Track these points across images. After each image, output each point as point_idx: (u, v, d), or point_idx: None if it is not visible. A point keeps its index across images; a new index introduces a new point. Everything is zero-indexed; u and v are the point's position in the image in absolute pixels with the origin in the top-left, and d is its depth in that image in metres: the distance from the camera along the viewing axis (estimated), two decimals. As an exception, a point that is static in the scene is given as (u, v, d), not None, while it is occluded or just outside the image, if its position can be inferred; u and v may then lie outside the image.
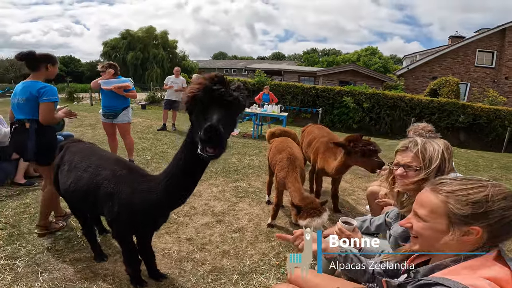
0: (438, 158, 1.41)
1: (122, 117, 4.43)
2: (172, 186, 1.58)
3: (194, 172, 1.55)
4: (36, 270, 2.09)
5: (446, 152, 2.39)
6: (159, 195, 1.62)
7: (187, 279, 2.20)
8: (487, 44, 18.67)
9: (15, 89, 2.45)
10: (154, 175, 1.77)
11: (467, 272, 0.83)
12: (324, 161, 3.32)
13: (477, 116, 12.62)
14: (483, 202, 0.86)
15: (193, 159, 1.41)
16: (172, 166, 1.58)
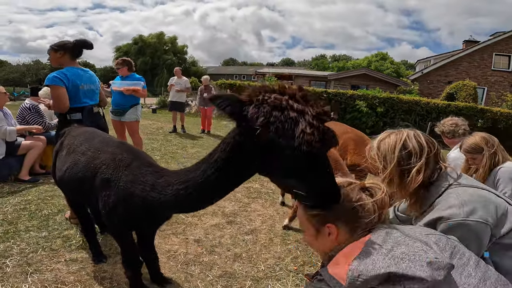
0: (393, 154, 1.25)
1: (130, 115, 4.32)
2: (186, 197, 1.21)
3: (221, 192, 1.21)
4: (26, 270, 1.89)
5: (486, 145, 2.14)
6: (166, 197, 1.28)
7: (194, 284, 1.96)
8: (503, 48, 18.16)
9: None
10: (166, 169, 1.44)
11: (343, 260, 0.87)
12: (360, 156, 3.08)
13: (496, 121, 12.12)
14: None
15: (229, 179, 1.13)
16: (193, 175, 1.19)
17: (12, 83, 33.94)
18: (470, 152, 2.27)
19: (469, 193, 1.18)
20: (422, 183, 1.20)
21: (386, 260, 0.79)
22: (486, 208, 1.14)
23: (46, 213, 2.75)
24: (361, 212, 0.91)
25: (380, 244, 0.84)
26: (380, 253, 0.82)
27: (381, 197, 0.94)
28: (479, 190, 1.21)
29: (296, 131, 0.85)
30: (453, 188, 1.20)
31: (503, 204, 1.19)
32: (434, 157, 1.24)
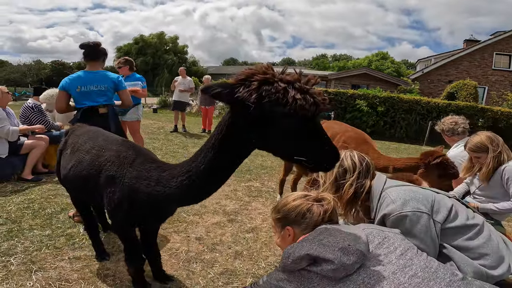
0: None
1: (131, 115, 4.34)
2: (190, 186, 1.27)
3: (222, 176, 1.27)
4: (30, 268, 1.92)
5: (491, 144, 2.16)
6: (171, 190, 1.33)
7: (195, 281, 1.98)
8: (504, 47, 18.17)
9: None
10: (168, 164, 1.47)
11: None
12: None
13: (497, 120, 12.11)
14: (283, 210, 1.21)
15: (226, 162, 1.20)
16: (195, 164, 1.25)
17: (13, 83, 34.00)
18: (475, 151, 2.29)
19: (398, 191, 1.42)
20: (355, 194, 1.47)
21: (311, 245, 0.99)
22: (415, 199, 1.36)
23: (49, 212, 2.78)
24: (309, 218, 1.15)
25: (316, 235, 1.05)
26: (312, 241, 1.01)
27: (326, 207, 1.17)
28: (405, 187, 1.45)
29: (289, 99, 0.93)
30: (386, 190, 1.44)
31: (429, 193, 1.43)
32: (366, 171, 1.51)
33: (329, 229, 1.07)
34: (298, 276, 1.00)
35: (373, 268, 0.98)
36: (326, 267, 0.95)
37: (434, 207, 1.37)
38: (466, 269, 1.30)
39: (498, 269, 1.31)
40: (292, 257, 0.98)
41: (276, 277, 1.06)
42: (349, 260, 0.95)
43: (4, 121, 3.51)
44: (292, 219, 1.18)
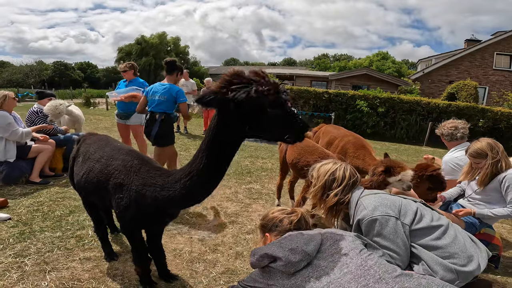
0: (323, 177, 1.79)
1: (135, 119, 4.44)
2: (192, 186, 1.44)
3: (220, 171, 1.43)
4: (44, 268, 2.04)
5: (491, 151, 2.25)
6: (175, 193, 1.48)
7: (198, 280, 2.10)
8: (504, 47, 18.13)
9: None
10: (170, 170, 1.64)
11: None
12: (359, 160, 3.20)
13: (497, 121, 12.14)
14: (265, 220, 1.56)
15: (222, 156, 1.40)
16: (194, 165, 1.42)
17: (16, 84, 34.20)
18: (475, 157, 2.37)
19: (370, 198, 1.63)
20: (336, 202, 1.68)
21: (271, 247, 1.27)
22: (384, 204, 1.56)
23: (59, 214, 2.90)
24: (280, 226, 1.47)
25: (280, 239, 1.33)
26: (274, 244, 1.30)
27: (293, 218, 1.48)
28: (376, 195, 1.66)
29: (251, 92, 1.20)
30: (361, 199, 1.66)
31: (397, 199, 1.63)
32: (352, 186, 1.71)
33: (292, 235, 1.33)
34: (267, 272, 1.26)
35: (318, 265, 1.20)
36: (279, 263, 1.20)
37: (401, 211, 1.56)
38: (437, 268, 1.43)
39: (468, 266, 1.43)
40: (256, 256, 1.27)
41: (254, 273, 1.33)
42: (295, 258, 1.19)
43: (14, 125, 3.64)
44: (269, 228, 1.49)
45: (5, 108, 3.67)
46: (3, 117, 3.54)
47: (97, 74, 53.45)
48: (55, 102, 4.18)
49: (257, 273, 1.31)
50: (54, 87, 28.70)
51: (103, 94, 25.38)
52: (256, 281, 1.30)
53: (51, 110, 4.09)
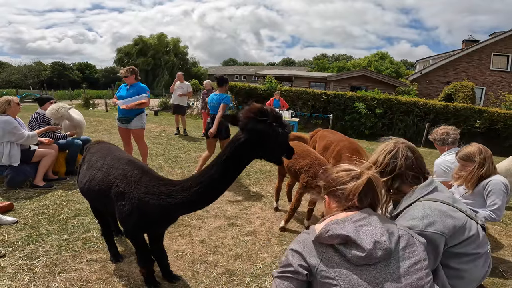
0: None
1: (136, 123, 4.51)
2: (202, 194, 1.64)
3: (230, 182, 1.69)
4: (53, 270, 2.14)
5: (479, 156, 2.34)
6: (182, 200, 1.66)
7: (200, 280, 2.21)
8: (502, 48, 18.24)
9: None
10: (175, 180, 1.78)
11: (325, 221, 1.16)
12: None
13: (494, 121, 12.25)
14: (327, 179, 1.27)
15: (235, 172, 1.66)
16: (207, 174, 1.64)
17: (14, 85, 34.17)
18: (464, 160, 2.48)
19: (432, 207, 1.35)
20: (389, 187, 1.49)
21: (352, 229, 1.06)
22: (444, 222, 1.32)
23: (64, 217, 3.00)
24: (342, 191, 1.20)
25: (355, 220, 1.10)
26: (352, 224, 1.08)
27: (356, 185, 1.17)
28: (441, 205, 1.37)
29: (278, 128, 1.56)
30: (421, 201, 1.39)
31: (461, 220, 1.36)
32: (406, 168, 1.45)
33: (370, 218, 1.11)
34: (322, 250, 1.08)
35: (387, 266, 1.05)
36: (355, 252, 1.02)
37: (456, 233, 1.34)
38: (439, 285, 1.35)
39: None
40: (331, 232, 1.05)
41: (309, 245, 1.12)
42: (377, 254, 1.03)
43: (20, 128, 3.73)
44: (330, 189, 1.24)
45: (9, 113, 3.76)
46: (8, 122, 3.63)
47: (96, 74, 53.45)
48: (56, 105, 4.26)
49: (311, 247, 1.10)
50: (52, 88, 28.71)
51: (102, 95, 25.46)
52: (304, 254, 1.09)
53: (53, 113, 4.17)
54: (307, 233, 1.16)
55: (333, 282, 1.02)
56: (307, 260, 1.07)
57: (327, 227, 1.07)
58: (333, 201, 1.24)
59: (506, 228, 3.67)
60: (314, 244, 1.09)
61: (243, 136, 1.57)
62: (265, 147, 1.58)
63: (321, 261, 1.05)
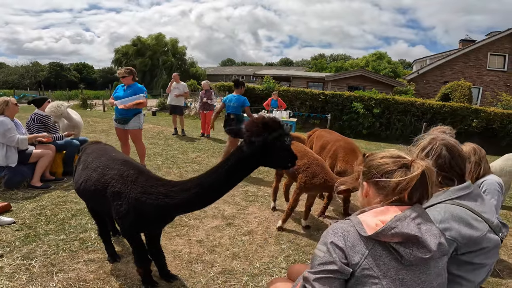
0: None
1: (133, 123, 4.52)
2: (201, 197, 1.67)
3: (229, 187, 1.72)
4: (51, 270, 2.15)
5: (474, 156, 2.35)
6: (181, 201, 1.69)
7: (197, 280, 2.22)
8: (498, 48, 18.36)
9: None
10: (173, 181, 1.80)
11: (373, 214, 1.03)
12: (348, 164, 3.33)
13: (490, 121, 12.32)
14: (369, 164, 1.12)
15: (238, 178, 1.68)
16: (208, 180, 1.66)
17: (12, 85, 34.05)
18: None
19: (453, 212, 1.29)
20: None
21: (416, 228, 0.95)
22: (460, 230, 1.25)
23: (61, 218, 3.01)
24: (387, 181, 1.04)
25: (413, 217, 0.98)
26: (412, 222, 0.97)
27: (410, 176, 1.01)
28: (464, 212, 1.30)
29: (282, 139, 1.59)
30: (445, 203, 1.32)
31: (481, 231, 1.28)
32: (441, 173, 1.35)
33: (422, 216, 1.01)
34: (368, 246, 0.96)
35: (427, 267, 0.99)
36: (417, 253, 0.93)
37: (469, 243, 1.27)
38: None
39: None
40: (396, 230, 0.93)
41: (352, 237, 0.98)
42: (437, 255, 0.97)
43: (13, 131, 3.72)
44: (371, 176, 1.09)
45: (7, 113, 3.76)
46: (3, 124, 3.62)
47: (94, 75, 53.34)
48: (56, 103, 4.27)
49: (354, 241, 0.97)
50: (50, 89, 28.60)
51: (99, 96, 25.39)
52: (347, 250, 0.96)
53: (53, 111, 4.18)
54: (350, 224, 1.01)
55: (375, 281, 0.93)
56: (349, 257, 0.95)
57: (392, 224, 0.94)
58: (375, 192, 1.09)
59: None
60: (360, 238, 0.97)
61: (247, 148, 1.59)
62: (269, 158, 1.62)
63: (366, 259, 0.94)
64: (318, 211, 3.65)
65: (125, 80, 4.47)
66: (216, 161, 5.84)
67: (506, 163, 4.29)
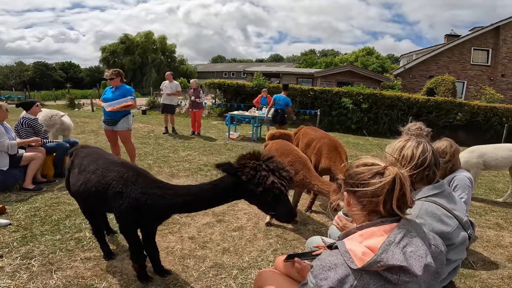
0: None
1: (122, 124, 4.55)
2: (190, 205, 1.81)
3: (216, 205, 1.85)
4: (50, 268, 2.25)
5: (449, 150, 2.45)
6: (175, 204, 1.83)
7: (189, 274, 2.36)
8: (481, 42, 18.83)
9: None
10: (171, 184, 1.93)
11: (358, 239, 1.04)
12: (331, 161, 3.49)
13: (474, 114, 12.69)
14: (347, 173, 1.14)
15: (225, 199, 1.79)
16: (200, 190, 1.78)
17: (-4, 86, 33.19)
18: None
19: (427, 209, 1.39)
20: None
21: (401, 255, 0.95)
22: (432, 225, 1.35)
23: (56, 218, 3.09)
24: (364, 191, 1.05)
25: (398, 241, 0.98)
26: (397, 249, 0.97)
27: (384, 182, 1.02)
28: (438, 209, 1.40)
29: (268, 182, 1.52)
30: (422, 200, 1.42)
31: (451, 227, 1.39)
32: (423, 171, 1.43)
33: (408, 235, 1.01)
34: (356, 276, 0.96)
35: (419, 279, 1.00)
36: (404, 278, 0.95)
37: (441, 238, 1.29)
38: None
39: None
40: (382, 263, 0.94)
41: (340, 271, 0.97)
42: (427, 278, 1.01)
43: (3, 136, 3.75)
44: (350, 186, 1.11)
45: (-3, 118, 3.80)
46: None
47: (80, 74, 52.44)
48: (50, 112, 4.27)
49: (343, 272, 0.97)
50: (36, 89, 28.02)
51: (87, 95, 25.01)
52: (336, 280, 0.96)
53: (46, 120, 4.20)
54: (337, 257, 1.00)
55: None
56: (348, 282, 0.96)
57: (377, 258, 0.95)
58: (355, 201, 1.10)
59: (480, 219, 3.91)
60: (348, 269, 0.97)
61: (232, 183, 1.66)
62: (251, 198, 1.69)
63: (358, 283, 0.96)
64: (305, 206, 3.82)
65: (113, 82, 4.47)
66: (207, 159, 5.96)
67: (471, 155, 4.48)
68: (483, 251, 3.08)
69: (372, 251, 0.98)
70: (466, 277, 2.57)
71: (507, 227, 3.71)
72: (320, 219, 3.58)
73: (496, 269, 2.74)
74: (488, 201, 4.70)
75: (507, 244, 3.23)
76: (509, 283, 2.52)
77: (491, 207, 4.43)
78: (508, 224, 3.83)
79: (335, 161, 3.47)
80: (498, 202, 4.67)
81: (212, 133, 9.41)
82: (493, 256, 2.97)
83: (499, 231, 3.59)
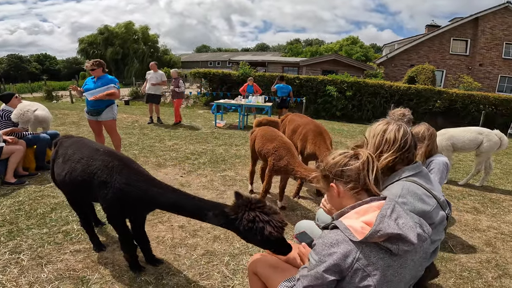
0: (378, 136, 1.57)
1: (106, 114, 4.41)
2: (174, 207, 1.83)
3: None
4: (40, 262, 2.22)
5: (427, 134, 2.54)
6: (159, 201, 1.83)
7: (181, 262, 2.39)
8: (461, 33, 19.37)
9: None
10: (157, 180, 1.91)
11: (355, 216, 1.15)
12: (316, 146, 3.56)
13: (452, 101, 13.14)
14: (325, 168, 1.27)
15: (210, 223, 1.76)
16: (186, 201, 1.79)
17: (-31, 81, 31.39)
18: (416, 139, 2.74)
19: (409, 188, 1.44)
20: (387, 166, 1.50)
21: (395, 226, 1.06)
22: (414, 204, 1.41)
23: (41, 212, 3.02)
24: (349, 171, 1.21)
25: (389, 214, 1.09)
26: (390, 220, 1.07)
27: (361, 162, 1.20)
28: (418, 188, 1.46)
29: (266, 232, 1.50)
30: (403, 180, 1.48)
31: (430, 206, 1.46)
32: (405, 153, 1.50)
33: (395, 209, 1.12)
34: (357, 248, 1.05)
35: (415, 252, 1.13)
36: (402, 247, 1.05)
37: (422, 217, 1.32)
38: None
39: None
40: (382, 232, 1.03)
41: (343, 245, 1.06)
42: (420, 246, 1.13)
43: None
44: (333, 175, 1.24)
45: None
46: None
47: (57, 65, 50.38)
48: (21, 109, 4.10)
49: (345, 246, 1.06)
50: (10, 82, 26.78)
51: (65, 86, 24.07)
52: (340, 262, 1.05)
53: (19, 117, 4.05)
54: (338, 233, 1.10)
55: (365, 274, 1.04)
56: (342, 265, 1.05)
57: (376, 228, 1.04)
58: (344, 187, 1.22)
59: (458, 204, 4.06)
60: (349, 243, 1.06)
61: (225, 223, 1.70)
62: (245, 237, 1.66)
63: (357, 261, 1.04)
64: (293, 192, 3.90)
65: (94, 73, 4.30)
66: (194, 148, 5.93)
67: (441, 138, 4.62)
68: (461, 235, 3.16)
69: (368, 225, 1.07)
70: (446, 261, 2.63)
71: (484, 211, 3.88)
72: (308, 204, 3.68)
73: (474, 252, 2.84)
74: (466, 185, 4.91)
75: (484, 228, 3.37)
76: (487, 267, 2.61)
77: (468, 191, 4.63)
78: (485, 208, 4.00)
79: (319, 146, 3.55)
80: (475, 186, 4.86)
81: (199, 122, 9.34)
82: (471, 240, 3.09)
83: (476, 215, 3.75)
